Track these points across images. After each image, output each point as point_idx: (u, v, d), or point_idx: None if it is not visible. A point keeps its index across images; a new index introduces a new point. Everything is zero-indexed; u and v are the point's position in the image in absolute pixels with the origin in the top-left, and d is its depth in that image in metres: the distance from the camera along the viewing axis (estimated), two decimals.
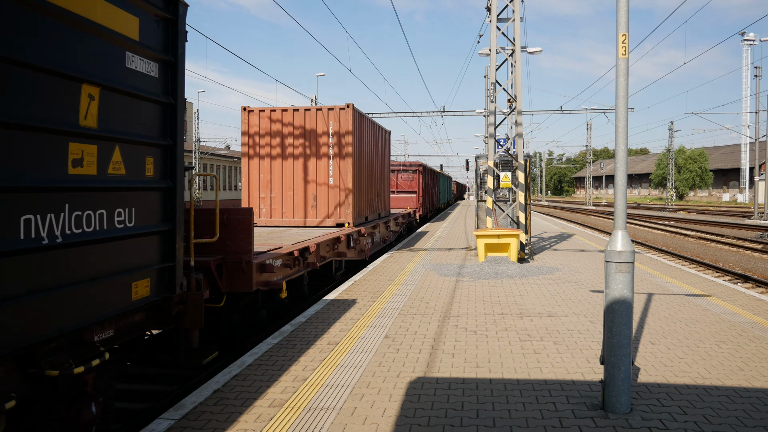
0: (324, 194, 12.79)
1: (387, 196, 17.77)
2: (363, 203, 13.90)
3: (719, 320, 7.49)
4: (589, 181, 67.06)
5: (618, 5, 4.61)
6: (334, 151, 12.80)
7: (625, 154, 4.61)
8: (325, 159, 12.81)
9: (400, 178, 27.83)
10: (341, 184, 12.80)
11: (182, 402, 4.70)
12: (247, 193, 13.00)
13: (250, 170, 13.01)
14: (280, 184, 12.88)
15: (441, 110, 35.43)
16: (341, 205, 12.77)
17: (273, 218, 12.92)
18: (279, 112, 12.93)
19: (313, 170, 12.83)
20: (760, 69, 33.89)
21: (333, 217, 12.74)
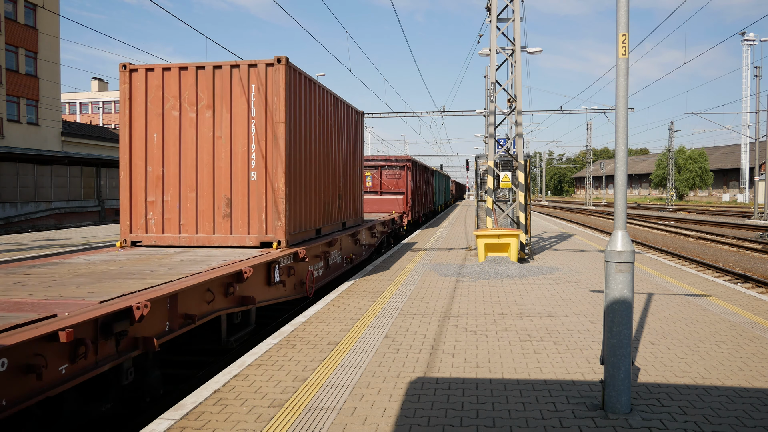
0: (242, 197, 8.59)
1: (357, 199, 13.73)
2: (308, 210, 9.72)
3: (719, 320, 7.49)
4: (589, 181, 67.06)
5: (618, 5, 4.61)
6: (258, 132, 8.54)
7: (625, 154, 4.61)
8: (244, 143, 8.57)
9: (385, 176, 23.30)
10: (269, 182, 8.55)
11: (182, 402, 4.70)
12: (128, 197, 8.84)
13: (132, 161, 8.83)
14: (176, 182, 8.72)
15: (441, 110, 35.43)
16: (267, 212, 8.54)
17: (167, 233, 8.77)
18: (176, 70, 8.72)
19: (225, 160, 8.61)
20: (760, 69, 33.90)
21: (256, 232, 8.59)
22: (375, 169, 23.16)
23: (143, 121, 8.77)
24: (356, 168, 13.58)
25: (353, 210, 13.28)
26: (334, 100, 11.44)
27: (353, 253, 12.47)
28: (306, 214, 9.60)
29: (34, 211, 29.93)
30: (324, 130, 10.62)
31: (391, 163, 23.59)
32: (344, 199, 12.33)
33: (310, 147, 9.77)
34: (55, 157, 31.66)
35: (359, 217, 13.90)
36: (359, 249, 13.16)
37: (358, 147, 13.83)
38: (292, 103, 8.76)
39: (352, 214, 13.14)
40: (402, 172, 23.37)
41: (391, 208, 22.57)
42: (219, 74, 8.67)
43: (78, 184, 33.40)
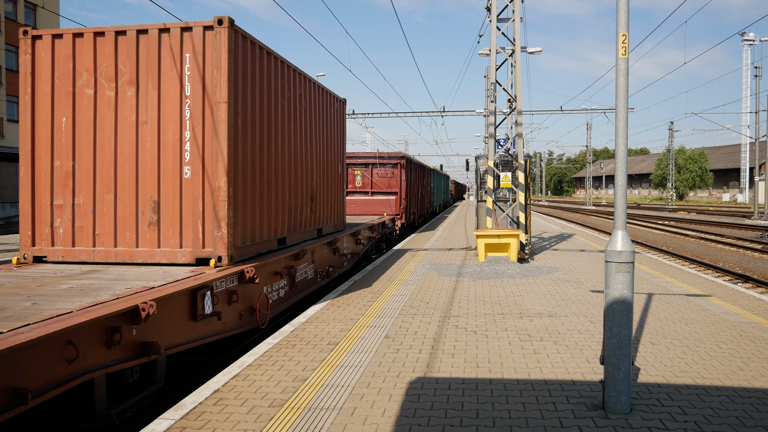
0: (173, 199, 6.60)
1: (338, 200, 11.72)
2: (266, 215, 7.81)
3: (719, 320, 7.49)
4: (589, 181, 67.07)
5: (618, 5, 4.61)
6: (195, 116, 6.56)
7: (625, 154, 4.61)
8: (176, 130, 6.57)
9: (376, 174, 20.92)
10: (207, 180, 6.55)
11: (182, 402, 4.70)
12: (30, 199, 6.90)
13: (36, 153, 6.93)
14: (90, 180, 6.76)
15: (441, 110, 35.43)
16: (205, 220, 6.55)
17: (78, 246, 6.80)
18: (90, 37, 6.77)
19: (152, 152, 6.61)
20: (760, 69, 33.91)
21: (190, 245, 6.57)
22: (365, 167, 20.84)
23: (49, 102, 6.84)
24: (337, 164, 11.54)
25: (332, 213, 11.26)
26: (306, 82, 9.45)
27: (331, 264, 10.51)
28: (262, 220, 7.66)
29: None
30: (290, 116, 8.68)
31: (383, 161, 21.03)
32: (319, 201, 10.32)
33: (269, 137, 7.85)
34: None
35: (340, 222, 11.87)
36: (339, 259, 11.15)
37: (340, 140, 11.79)
38: (240, 79, 6.87)
39: (331, 217, 11.14)
40: (395, 171, 21.01)
41: (382, 210, 20.24)
42: (144, 41, 6.65)
43: None
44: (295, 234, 9.06)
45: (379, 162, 21.08)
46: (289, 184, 8.71)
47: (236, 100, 6.75)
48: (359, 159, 21.01)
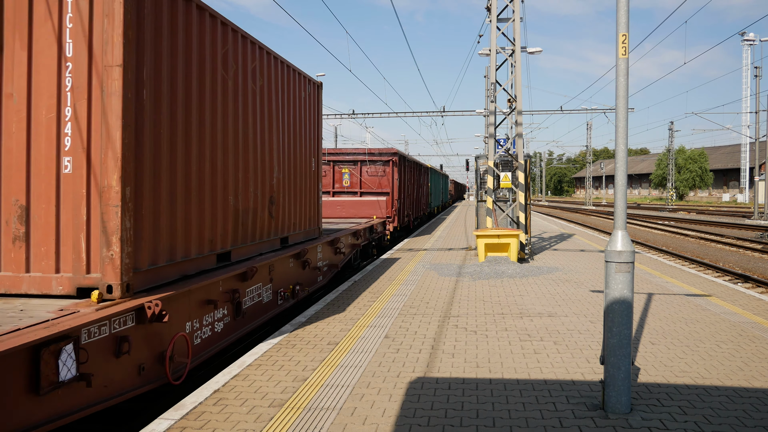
0: (48, 203, 4.71)
1: (310, 203, 9.68)
2: (195, 223, 5.89)
3: (719, 320, 7.49)
4: (589, 181, 67.08)
5: (618, 5, 4.61)
6: (78, 86, 4.69)
7: (625, 154, 4.61)
8: (52, 106, 4.71)
9: (366, 173, 18.84)
10: (93, 177, 4.70)
11: (182, 402, 4.70)
12: None
13: None
14: None
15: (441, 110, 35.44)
16: (90, 232, 4.67)
17: None
18: None
19: (19, 138, 4.74)
20: (760, 69, 33.91)
21: (70, 269, 4.68)
22: (353, 165, 18.89)
23: None
24: (309, 159, 9.48)
25: (302, 218, 9.16)
26: (264, 55, 7.52)
27: (299, 281, 8.49)
28: (189, 231, 5.72)
29: None
30: (236, 96, 6.75)
31: (373, 157, 18.83)
32: (284, 204, 8.29)
33: (202, 119, 5.97)
34: None
35: (314, 228, 9.85)
36: (310, 274, 9.12)
37: (313, 130, 9.73)
38: (151, 37, 5.05)
39: (301, 223, 9.06)
40: (386, 169, 18.81)
41: (372, 213, 18.11)
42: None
43: None
44: (246, 247, 7.07)
45: (368, 159, 18.78)
46: (235, 183, 6.73)
47: (141, 64, 4.89)
48: (347, 156, 19.00)
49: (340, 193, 18.83)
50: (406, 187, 21.34)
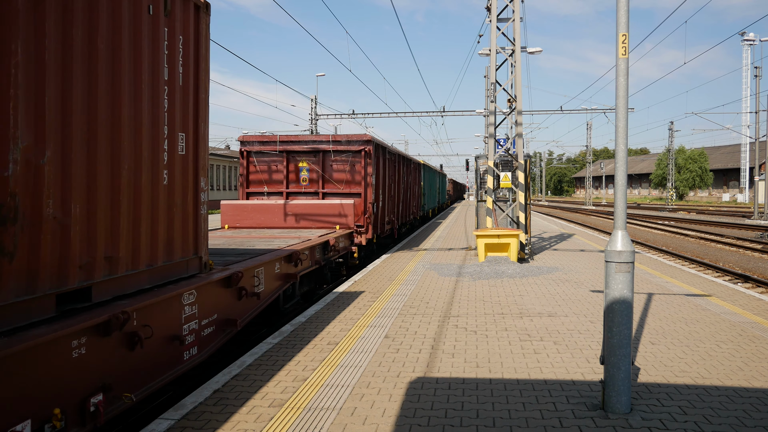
0: None
1: (178, 208, 5.26)
2: None
3: (719, 320, 7.49)
4: (589, 181, 67.08)
5: (618, 5, 4.61)
6: None
7: (625, 154, 4.61)
8: None
9: (331, 167, 14.19)
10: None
11: (182, 402, 4.70)
12: None
13: None
14: None
15: (441, 110, 35.43)
16: None
17: None
18: None
19: None
20: (760, 69, 33.91)
21: None
22: (314, 157, 14.01)
23: None
24: (173, 134, 5.16)
25: (146, 243, 4.77)
26: None
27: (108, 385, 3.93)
28: None
29: None
30: None
31: (339, 146, 13.93)
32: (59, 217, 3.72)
33: None
34: None
35: (184, 260, 5.47)
36: (145, 361, 4.47)
37: (184, 79, 5.33)
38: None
39: (140, 254, 4.67)
40: (358, 162, 13.91)
41: (335, 221, 12.80)
42: None
43: None
44: None
45: (333, 149, 13.89)
46: None
47: None
48: (305, 145, 14.04)
49: (297, 195, 14.00)
50: (387, 186, 16.38)
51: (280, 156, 14.04)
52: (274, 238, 10.11)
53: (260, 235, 10.78)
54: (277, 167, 14.12)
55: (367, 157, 13.88)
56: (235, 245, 8.76)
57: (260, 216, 12.83)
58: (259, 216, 12.82)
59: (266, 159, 14.09)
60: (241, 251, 7.85)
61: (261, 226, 12.68)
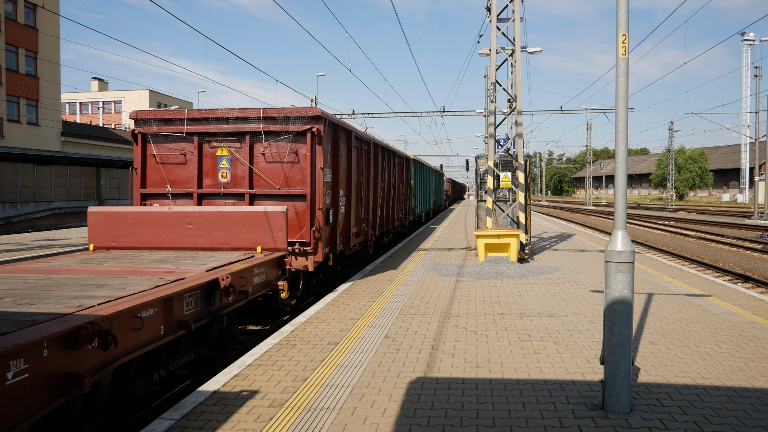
0: None
1: None
2: None
3: (719, 320, 7.49)
4: (589, 181, 67.07)
5: (618, 5, 4.61)
6: None
7: (625, 154, 4.61)
8: None
9: (262, 155, 9.89)
10: None
11: (182, 402, 4.70)
12: None
13: None
14: None
15: (441, 110, 35.42)
16: None
17: None
18: None
19: None
20: (760, 69, 33.90)
21: None
22: (238, 142, 9.92)
23: None
24: None
25: None
26: None
27: None
28: None
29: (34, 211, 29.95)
30: None
31: (274, 125, 9.75)
32: None
33: None
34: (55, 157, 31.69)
35: None
36: None
37: None
38: None
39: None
40: (302, 147, 9.72)
41: (258, 238, 8.26)
42: None
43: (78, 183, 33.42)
44: None
45: (266, 128, 9.67)
46: None
47: None
48: (225, 123, 9.85)
49: (215, 198, 9.87)
50: (354, 184, 12.04)
51: (189, 140, 9.81)
52: (131, 273, 6.12)
53: (115, 268, 6.51)
54: (187, 157, 9.87)
55: (316, 141, 9.55)
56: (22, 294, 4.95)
57: (145, 230, 8.34)
58: (143, 230, 8.34)
59: (171, 145, 9.86)
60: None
61: (147, 246, 8.33)
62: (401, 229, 21.09)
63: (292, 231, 9.44)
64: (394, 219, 17.79)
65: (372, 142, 13.90)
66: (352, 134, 11.77)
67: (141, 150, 9.94)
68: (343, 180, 11.10)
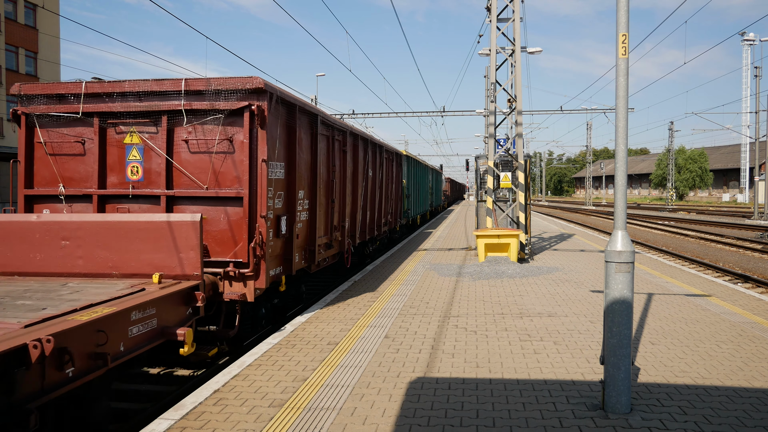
0: None
1: None
2: None
3: (719, 320, 7.49)
4: (589, 181, 67.07)
5: (618, 5, 4.61)
6: None
7: (625, 154, 4.61)
8: None
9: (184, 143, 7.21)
10: None
11: (182, 402, 4.70)
12: None
13: None
14: None
15: (441, 110, 35.43)
16: None
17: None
18: None
19: None
20: (760, 69, 33.91)
21: None
22: (152, 125, 7.31)
23: None
24: None
25: None
26: None
27: None
28: None
29: None
30: None
31: (199, 102, 7.12)
32: None
33: None
34: None
35: None
36: None
37: None
38: None
39: None
40: (237, 132, 7.09)
41: (161, 261, 5.92)
42: None
43: None
44: None
45: (187, 107, 7.14)
46: None
47: None
48: (134, 100, 7.35)
49: (122, 201, 7.46)
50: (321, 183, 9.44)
51: (88, 123, 7.40)
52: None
53: None
54: (86, 146, 7.44)
55: (257, 123, 7.04)
56: None
57: (3, 248, 6.19)
58: (5, 249, 6.18)
59: (65, 130, 7.46)
60: None
61: (13, 271, 6.16)
62: (391, 234, 18.82)
63: (223, 247, 6.97)
64: (381, 224, 15.22)
65: (349, 131, 11.21)
66: (318, 119, 9.06)
67: (26, 137, 7.46)
68: (304, 177, 8.56)
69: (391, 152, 17.15)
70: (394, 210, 17.71)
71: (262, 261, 6.98)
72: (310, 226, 8.97)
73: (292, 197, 8.11)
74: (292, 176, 8.08)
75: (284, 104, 7.79)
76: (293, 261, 8.13)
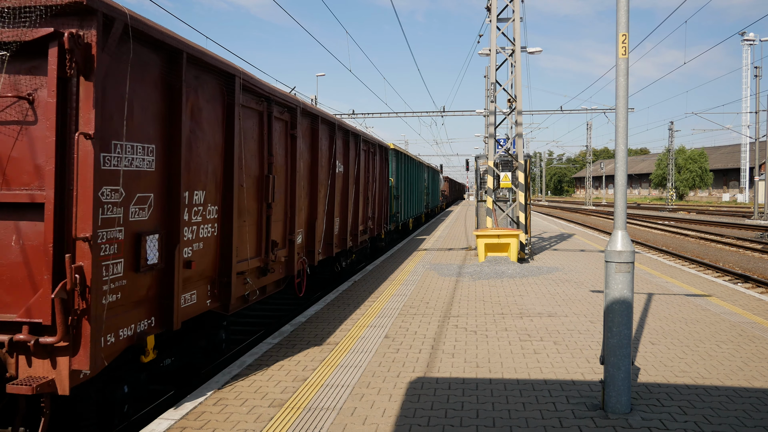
0: None
1: None
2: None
3: (719, 320, 7.49)
4: (589, 181, 67.07)
5: (618, 5, 4.61)
6: None
7: (625, 154, 4.61)
8: None
9: None
10: None
11: (182, 402, 4.70)
12: None
13: None
14: None
15: (441, 110, 35.42)
16: None
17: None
18: None
19: None
20: (760, 69, 33.90)
21: None
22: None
23: None
24: None
25: None
26: None
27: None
28: None
29: None
30: None
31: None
32: None
33: None
34: None
35: None
36: None
37: None
38: None
39: None
40: (39, 85, 3.86)
41: None
42: None
43: None
44: None
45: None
46: None
47: None
48: None
49: None
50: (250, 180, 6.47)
51: None
52: None
53: None
54: None
55: (75, 66, 3.80)
56: None
57: None
58: None
59: None
60: None
61: None
62: (374, 243, 15.77)
63: (13, 295, 3.94)
64: (358, 233, 12.16)
65: (300, 108, 7.92)
66: (236, 81, 5.89)
67: None
68: (207, 171, 5.50)
69: (374, 144, 13.72)
70: (378, 214, 14.52)
71: (85, 321, 3.84)
72: (220, 245, 5.79)
73: (176, 202, 4.88)
74: (175, 168, 4.87)
75: (154, 45, 4.59)
76: (177, 305, 4.86)
